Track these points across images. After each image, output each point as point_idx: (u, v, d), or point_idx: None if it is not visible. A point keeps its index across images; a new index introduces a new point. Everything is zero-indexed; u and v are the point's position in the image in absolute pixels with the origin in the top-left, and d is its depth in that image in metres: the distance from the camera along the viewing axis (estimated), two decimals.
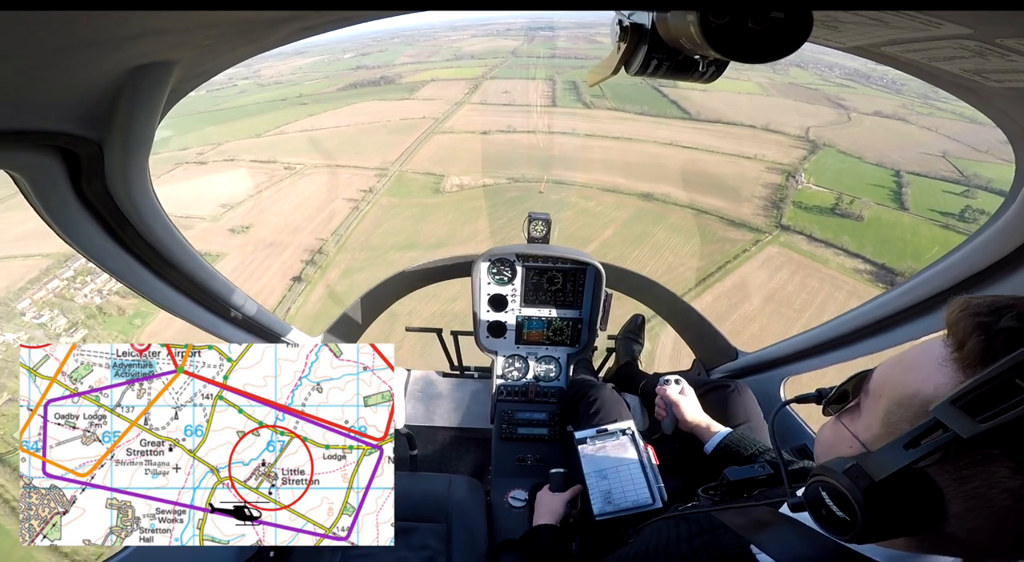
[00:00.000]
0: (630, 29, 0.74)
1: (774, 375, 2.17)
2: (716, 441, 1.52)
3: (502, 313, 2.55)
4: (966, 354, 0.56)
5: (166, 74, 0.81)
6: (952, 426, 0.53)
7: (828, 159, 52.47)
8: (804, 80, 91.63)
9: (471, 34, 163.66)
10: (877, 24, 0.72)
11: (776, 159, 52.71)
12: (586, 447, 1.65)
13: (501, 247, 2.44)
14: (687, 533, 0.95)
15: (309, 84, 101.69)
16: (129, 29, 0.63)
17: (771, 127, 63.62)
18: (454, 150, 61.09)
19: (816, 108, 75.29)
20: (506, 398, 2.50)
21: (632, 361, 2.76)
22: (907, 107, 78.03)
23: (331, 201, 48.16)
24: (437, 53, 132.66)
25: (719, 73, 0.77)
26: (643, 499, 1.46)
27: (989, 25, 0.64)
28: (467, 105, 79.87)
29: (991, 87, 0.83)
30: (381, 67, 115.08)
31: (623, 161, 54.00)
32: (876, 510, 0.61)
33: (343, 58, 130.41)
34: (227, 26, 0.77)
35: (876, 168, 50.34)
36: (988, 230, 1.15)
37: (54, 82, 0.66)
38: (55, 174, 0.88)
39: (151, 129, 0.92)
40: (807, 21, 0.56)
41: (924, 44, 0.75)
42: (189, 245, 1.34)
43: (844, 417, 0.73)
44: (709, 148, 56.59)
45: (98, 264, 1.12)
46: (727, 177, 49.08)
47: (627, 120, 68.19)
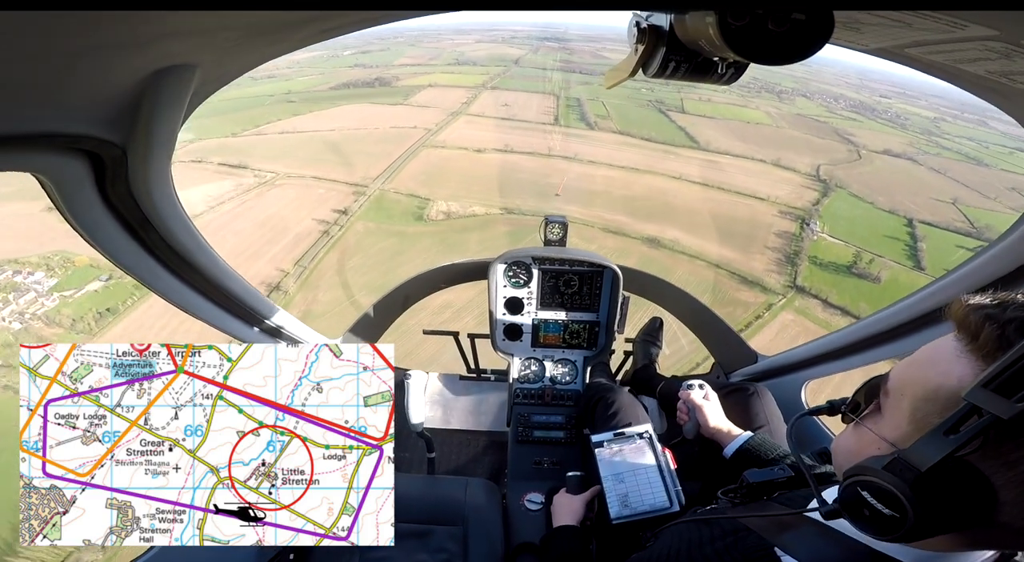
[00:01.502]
0: (648, 30, 0.73)
1: (795, 379, 2.15)
2: (736, 445, 1.50)
3: (518, 316, 2.56)
4: (982, 343, 0.58)
5: (188, 77, 0.81)
6: (989, 408, 0.53)
7: (841, 203, 50.27)
8: (811, 111, 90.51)
9: (476, 39, 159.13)
10: (900, 26, 0.71)
11: (789, 201, 49.32)
12: (603, 450, 1.65)
13: (518, 250, 2.43)
14: (709, 536, 0.94)
15: (302, 80, 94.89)
16: (152, 32, 0.64)
17: (782, 163, 61.07)
18: (444, 168, 55.21)
19: (826, 143, 73.67)
20: (523, 401, 2.50)
21: (650, 364, 2.67)
22: (914, 145, 78.13)
23: (299, 221, 41.65)
24: (439, 56, 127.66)
25: (738, 75, 0.77)
26: (660, 503, 1.46)
27: (1016, 26, 0.63)
28: (463, 116, 74.51)
29: (1018, 89, 0.82)
30: (379, 67, 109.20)
31: (628, 195, 48.78)
32: (927, 503, 0.58)
33: (343, 55, 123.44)
34: (249, 28, 0.77)
35: (889, 215, 48.65)
36: (1013, 235, 1.15)
37: (79, 85, 0.66)
38: (80, 177, 0.88)
39: (174, 132, 0.92)
40: (828, 23, 0.55)
41: (948, 46, 0.75)
42: (211, 248, 1.34)
43: (866, 421, 0.71)
44: (719, 185, 52.57)
45: (120, 266, 1.13)
46: (739, 222, 44.86)
47: (633, 146, 63.68)
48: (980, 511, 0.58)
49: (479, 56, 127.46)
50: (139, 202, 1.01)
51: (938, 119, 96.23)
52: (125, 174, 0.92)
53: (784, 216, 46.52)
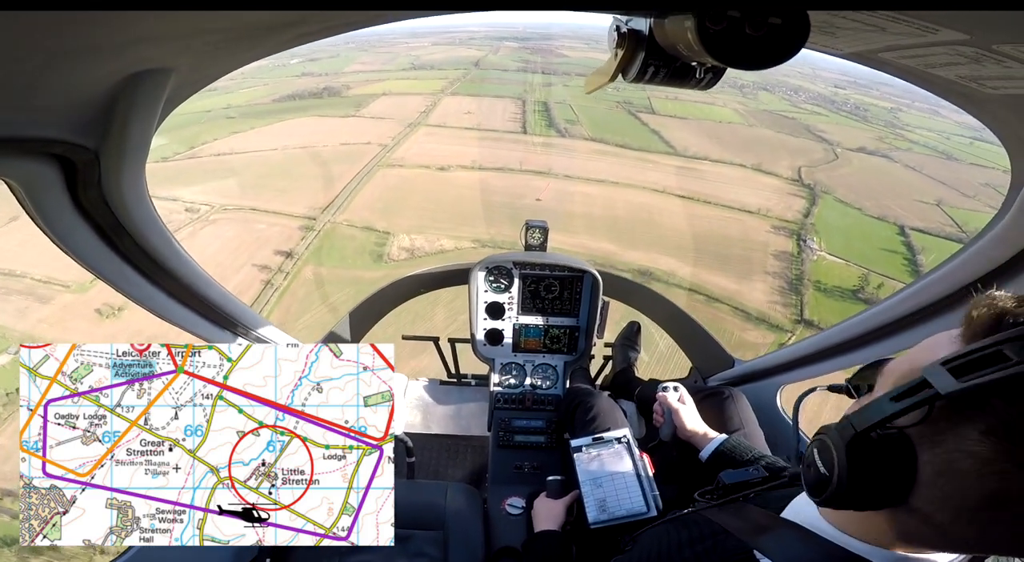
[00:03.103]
0: (628, 35, 0.73)
1: (770, 383, 2.17)
2: (712, 448, 1.51)
3: (499, 321, 2.55)
4: (973, 328, 0.57)
5: (163, 81, 0.79)
6: (934, 382, 0.53)
7: (830, 211, 48.66)
8: (775, 106, 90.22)
9: (432, 41, 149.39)
10: (874, 30, 0.72)
11: (779, 214, 46.60)
12: (581, 455, 1.65)
13: (498, 255, 2.43)
14: (688, 538, 0.95)
15: (244, 92, 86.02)
16: (127, 35, 0.62)
17: (763, 168, 59.06)
18: (404, 192, 48.49)
19: (801, 141, 72.49)
20: (503, 406, 2.49)
21: (628, 367, 2.72)
22: (884, 140, 78.95)
23: (237, 269, 34.92)
24: (393, 61, 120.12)
25: (716, 80, 0.77)
26: (638, 508, 1.46)
27: (986, 30, 0.64)
28: (422, 127, 68.50)
29: (987, 93, 0.83)
30: (328, 75, 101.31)
31: (611, 216, 44.28)
32: (854, 465, 0.60)
33: (290, 63, 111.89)
34: (226, 32, 0.75)
35: (880, 223, 47.79)
36: (982, 240, 1.15)
37: (51, 88, 0.65)
38: (51, 182, 0.87)
39: (148, 136, 0.90)
40: (804, 27, 0.56)
41: (921, 50, 0.75)
42: (186, 254, 1.32)
43: (861, 400, 0.73)
44: (705, 197, 48.90)
45: (94, 272, 1.10)
46: (732, 242, 41.12)
47: (608, 155, 59.53)
48: (899, 487, 0.58)
49: (436, 59, 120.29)
50: (112, 207, 0.99)
51: (895, 109, 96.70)
52: (98, 179, 0.90)
53: (778, 232, 43.53)
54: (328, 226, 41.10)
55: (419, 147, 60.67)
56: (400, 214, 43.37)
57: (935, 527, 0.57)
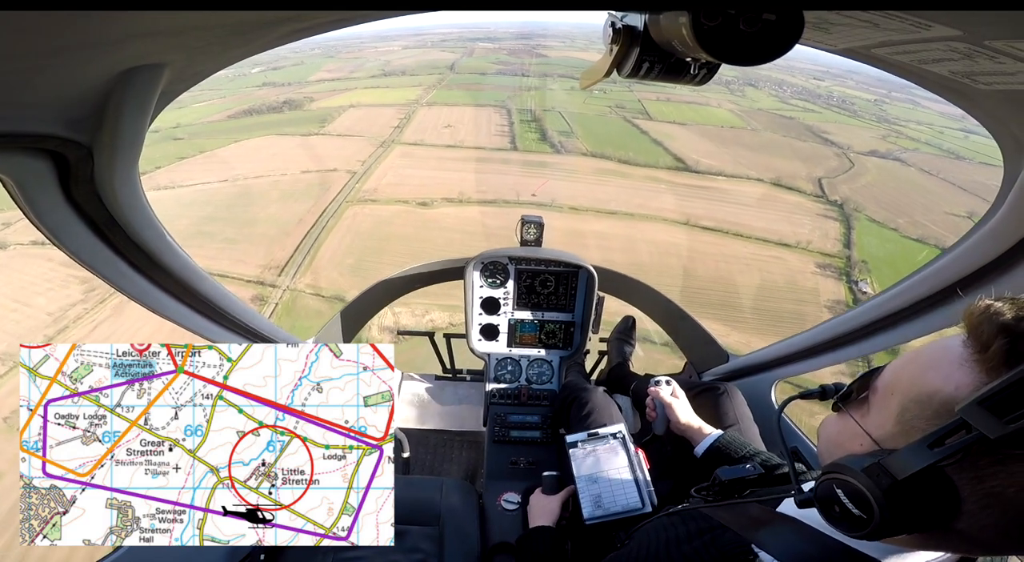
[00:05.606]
0: (623, 31, 0.73)
1: (764, 378, 2.18)
2: (707, 443, 1.51)
3: (495, 316, 2.57)
4: (990, 356, 0.56)
5: (156, 77, 0.79)
6: (979, 426, 0.53)
7: (868, 237, 41.76)
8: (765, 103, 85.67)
9: (402, 45, 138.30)
10: (867, 26, 0.72)
11: (820, 245, 39.90)
12: (577, 451, 1.65)
13: (494, 250, 2.44)
14: (686, 534, 0.94)
15: (197, 107, 75.06)
16: (120, 31, 0.62)
17: (783, 182, 52.40)
18: (378, 240, 38.81)
19: (809, 146, 66.93)
20: (499, 401, 2.51)
21: (623, 362, 2.71)
22: (886, 140, 74.77)
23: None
24: (362, 67, 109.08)
25: (710, 76, 0.77)
26: (633, 503, 1.47)
27: (978, 27, 0.64)
28: (396, 146, 59.90)
29: (979, 89, 0.83)
30: (290, 86, 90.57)
31: (634, 264, 36.83)
32: (896, 509, 0.60)
33: (251, 73, 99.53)
34: (219, 28, 0.75)
35: (921, 246, 41.94)
36: (975, 235, 1.15)
37: (44, 84, 0.65)
38: (44, 177, 0.86)
39: (141, 132, 0.90)
40: (798, 24, 0.56)
41: (914, 46, 0.75)
42: (180, 249, 1.31)
43: (854, 413, 0.72)
44: (735, 228, 42.09)
45: (88, 268, 1.10)
46: (780, 292, 34.16)
47: (612, 174, 51.30)
48: (941, 517, 0.59)
49: (408, 64, 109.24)
50: (105, 202, 0.99)
51: (879, 101, 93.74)
52: (91, 174, 0.90)
53: (824, 272, 36.70)
54: (287, 295, 32.70)
55: (394, 173, 51.50)
56: (377, 273, 35.47)
57: (978, 543, 0.59)
